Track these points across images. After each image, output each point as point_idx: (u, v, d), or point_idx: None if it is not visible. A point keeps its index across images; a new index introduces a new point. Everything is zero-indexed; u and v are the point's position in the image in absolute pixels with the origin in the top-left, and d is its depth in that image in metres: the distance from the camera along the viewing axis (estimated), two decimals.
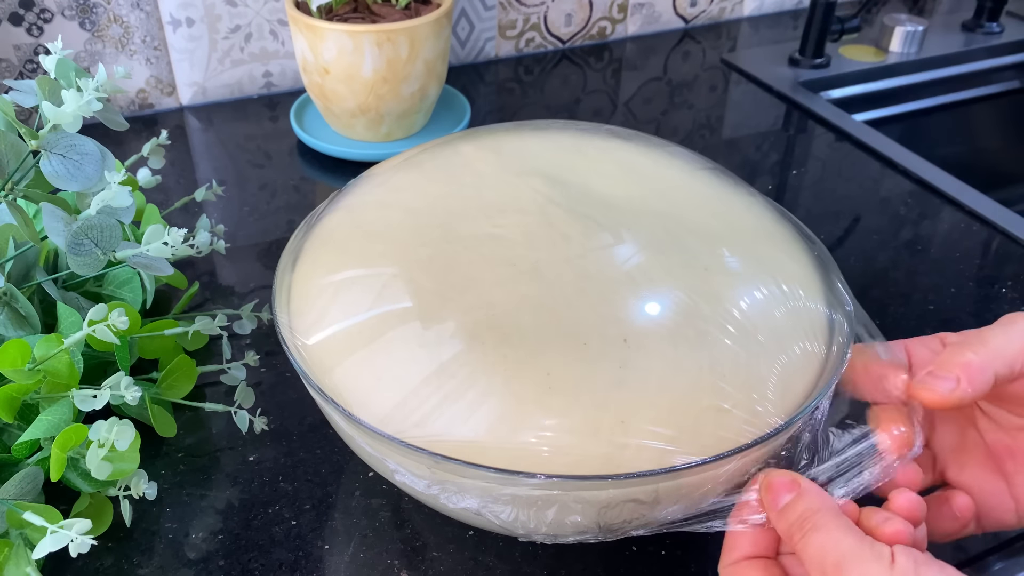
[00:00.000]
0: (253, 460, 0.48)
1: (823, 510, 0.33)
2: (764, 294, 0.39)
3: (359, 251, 0.41)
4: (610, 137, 0.50)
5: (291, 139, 0.78)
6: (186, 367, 0.49)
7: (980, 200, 0.70)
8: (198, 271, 0.62)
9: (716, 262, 0.40)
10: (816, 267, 0.43)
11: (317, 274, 0.41)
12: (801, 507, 0.34)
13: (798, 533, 0.33)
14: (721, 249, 0.41)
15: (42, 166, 0.44)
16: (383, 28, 0.67)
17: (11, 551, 0.39)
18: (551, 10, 0.94)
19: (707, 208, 0.44)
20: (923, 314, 0.59)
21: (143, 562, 0.42)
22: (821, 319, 0.40)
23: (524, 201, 0.42)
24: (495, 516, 0.36)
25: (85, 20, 0.75)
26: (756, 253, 0.42)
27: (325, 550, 0.43)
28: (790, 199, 0.71)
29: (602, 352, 0.35)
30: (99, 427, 0.39)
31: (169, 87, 0.82)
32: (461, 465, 0.34)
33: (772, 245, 0.43)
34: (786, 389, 0.37)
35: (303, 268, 0.42)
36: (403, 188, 0.45)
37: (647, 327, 0.36)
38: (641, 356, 0.35)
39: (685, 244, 0.41)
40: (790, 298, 0.40)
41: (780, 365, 0.37)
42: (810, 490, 0.34)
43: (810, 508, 0.33)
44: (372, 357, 0.37)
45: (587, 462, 0.34)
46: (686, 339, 0.36)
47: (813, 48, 0.91)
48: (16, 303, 0.44)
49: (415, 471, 0.36)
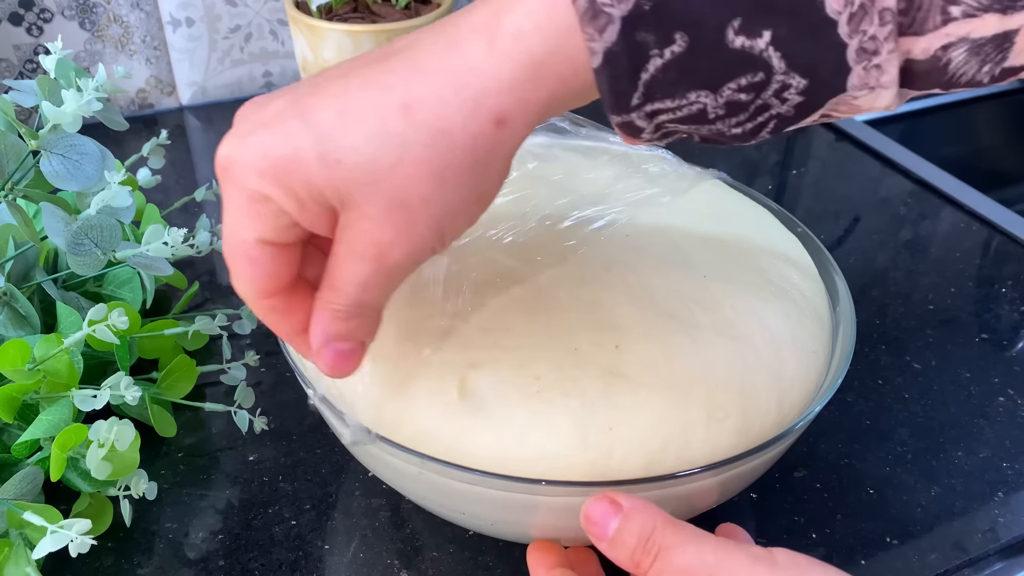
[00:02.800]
0: (253, 460, 0.48)
1: (660, 527, 0.30)
2: (763, 304, 0.39)
3: None
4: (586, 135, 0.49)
5: None
6: (186, 367, 0.49)
7: (980, 200, 0.70)
8: (198, 271, 0.62)
9: (716, 271, 0.40)
10: (819, 278, 0.43)
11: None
12: (635, 530, 0.30)
13: (646, 560, 0.30)
14: (724, 258, 0.41)
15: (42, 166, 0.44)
16: (383, 28, 0.67)
17: (11, 551, 0.38)
18: None
19: (714, 218, 0.44)
20: (923, 314, 0.59)
21: (143, 562, 0.42)
22: (821, 331, 0.40)
23: (523, 206, 0.42)
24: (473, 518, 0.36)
25: (85, 20, 0.75)
26: (759, 264, 0.41)
27: (325, 550, 0.43)
28: (790, 199, 0.71)
29: (592, 357, 0.35)
30: (99, 427, 0.39)
31: (169, 87, 0.82)
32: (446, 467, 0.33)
33: (776, 256, 0.42)
34: (781, 400, 0.37)
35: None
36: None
37: (640, 333, 0.36)
38: (632, 362, 0.35)
39: (686, 252, 0.41)
40: (790, 309, 0.39)
41: (776, 376, 0.37)
42: (635, 508, 0.31)
43: (645, 529, 0.30)
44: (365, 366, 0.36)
45: (574, 469, 0.33)
46: (680, 347, 0.36)
47: None
48: (16, 303, 0.44)
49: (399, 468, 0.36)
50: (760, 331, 0.37)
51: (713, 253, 0.41)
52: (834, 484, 0.47)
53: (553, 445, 0.33)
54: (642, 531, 0.30)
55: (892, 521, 0.45)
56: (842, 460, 0.48)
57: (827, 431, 0.50)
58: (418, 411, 0.35)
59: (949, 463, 0.48)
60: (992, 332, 0.57)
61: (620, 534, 0.31)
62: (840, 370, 0.38)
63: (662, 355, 0.35)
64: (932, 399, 0.52)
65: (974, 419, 0.51)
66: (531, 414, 0.34)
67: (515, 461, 0.33)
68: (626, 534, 0.30)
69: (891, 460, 0.48)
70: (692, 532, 0.30)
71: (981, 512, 0.45)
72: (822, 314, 0.41)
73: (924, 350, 0.55)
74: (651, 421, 0.34)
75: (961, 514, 0.45)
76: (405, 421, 0.35)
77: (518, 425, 0.34)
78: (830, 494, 0.46)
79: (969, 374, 0.54)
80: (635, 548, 0.30)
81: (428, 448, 0.34)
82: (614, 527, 0.31)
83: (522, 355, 0.35)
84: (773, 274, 0.41)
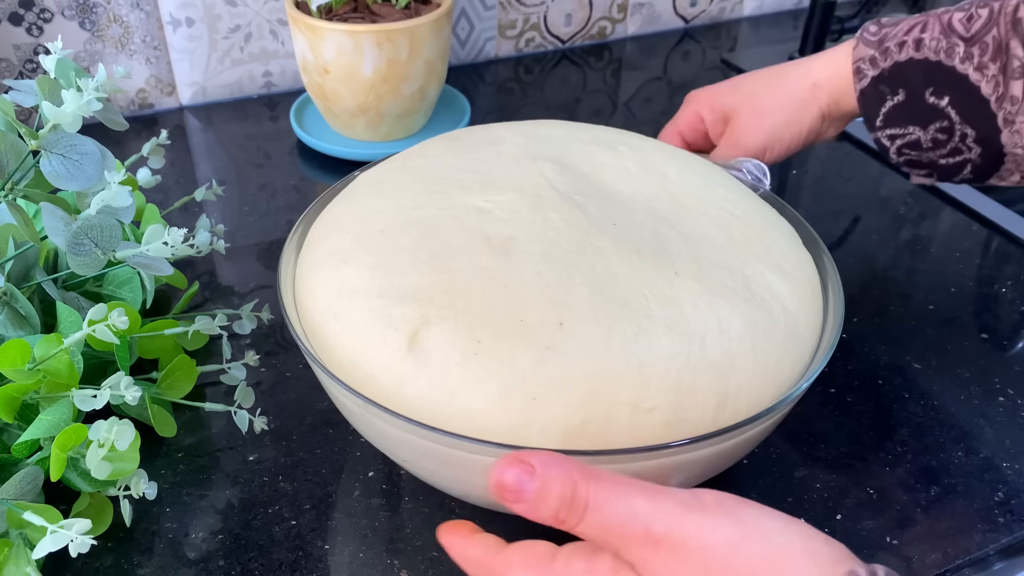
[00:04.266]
0: (253, 460, 0.48)
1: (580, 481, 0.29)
2: (729, 309, 0.38)
3: (364, 206, 0.44)
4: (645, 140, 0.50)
5: (291, 139, 0.78)
6: (186, 367, 0.49)
7: (980, 200, 0.70)
8: (198, 271, 0.62)
9: (692, 270, 0.40)
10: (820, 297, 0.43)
11: (322, 222, 0.45)
12: (555, 491, 0.29)
13: (572, 518, 0.29)
14: (706, 260, 0.41)
15: (42, 166, 0.44)
16: (383, 28, 0.67)
17: (11, 551, 0.39)
18: (551, 10, 0.94)
19: (712, 218, 0.44)
20: (923, 314, 0.59)
21: (143, 562, 0.42)
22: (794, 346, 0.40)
23: (525, 182, 0.44)
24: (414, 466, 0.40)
25: (85, 20, 0.75)
26: (744, 271, 0.41)
27: (325, 550, 0.43)
28: (790, 199, 0.71)
29: (534, 331, 0.36)
30: (99, 427, 0.39)
31: (169, 87, 0.82)
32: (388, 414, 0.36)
33: (770, 267, 0.42)
34: (723, 404, 0.37)
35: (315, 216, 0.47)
36: (430, 156, 0.47)
37: (587, 315, 0.37)
38: (571, 341, 0.36)
39: (669, 248, 0.41)
40: (760, 318, 0.39)
41: (721, 379, 0.37)
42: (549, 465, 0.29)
43: (566, 488, 0.29)
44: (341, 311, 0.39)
45: (494, 431, 0.35)
46: (623, 335, 0.37)
47: (813, 48, 0.91)
48: (16, 303, 0.44)
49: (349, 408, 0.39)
50: (716, 333, 0.38)
51: (697, 252, 0.41)
52: (834, 484, 0.47)
53: (477, 404, 0.36)
54: (563, 491, 0.29)
55: (892, 521, 0.45)
56: (842, 460, 0.48)
57: (827, 431, 0.50)
58: (372, 357, 0.37)
59: (949, 463, 0.48)
60: (992, 332, 0.57)
61: (540, 496, 0.29)
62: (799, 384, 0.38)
63: (602, 338, 0.36)
64: (932, 399, 0.52)
65: (974, 419, 0.51)
66: (463, 373, 0.36)
67: (443, 416, 0.36)
68: (546, 495, 0.29)
69: (891, 460, 0.48)
70: (615, 482, 0.29)
71: (981, 512, 0.45)
72: (803, 332, 0.41)
73: (924, 350, 0.55)
74: (575, 399, 0.35)
75: (961, 514, 0.45)
76: (361, 363, 0.38)
77: (452, 381, 0.36)
78: (830, 494, 0.46)
79: (969, 374, 0.54)
80: (558, 508, 0.29)
81: (372, 392, 0.37)
82: (531, 489, 0.29)
83: (471, 319, 0.37)
84: (756, 283, 0.41)
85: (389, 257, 0.40)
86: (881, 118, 0.52)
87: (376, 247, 0.41)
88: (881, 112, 0.52)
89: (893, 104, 0.51)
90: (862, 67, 0.52)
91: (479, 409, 0.36)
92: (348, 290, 0.40)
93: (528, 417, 0.35)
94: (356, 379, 0.38)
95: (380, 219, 0.43)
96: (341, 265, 0.41)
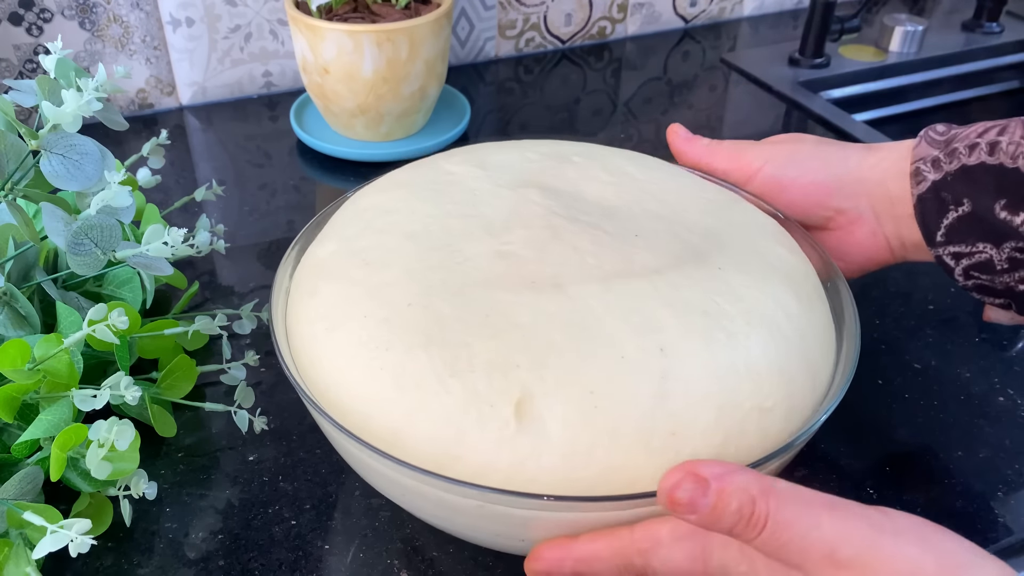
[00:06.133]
0: (253, 460, 0.48)
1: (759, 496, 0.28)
2: (779, 289, 0.39)
3: (364, 282, 0.38)
4: (589, 144, 0.50)
5: (291, 139, 0.78)
6: (186, 367, 0.49)
7: None
8: (198, 271, 0.62)
9: (729, 261, 0.40)
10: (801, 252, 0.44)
11: (320, 313, 0.38)
12: (733, 507, 0.28)
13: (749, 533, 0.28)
14: (729, 248, 0.41)
15: (42, 166, 0.44)
16: (383, 28, 0.67)
17: (11, 551, 0.39)
18: (551, 10, 0.94)
19: (696, 206, 0.44)
20: (923, 314, 0.59)
21: (143, 562, 0.42)
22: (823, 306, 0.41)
23: (525, 215, 0.41)
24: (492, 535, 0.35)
25: (85, 20, 0.75)
26: (755, 247, 0.41)
27: (325, 550, 0.43)
28: None
29: (641, 364, 0.34)
30: (99, 427, 0.39)
31: (169, 87, 0.82)
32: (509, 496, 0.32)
33: (765, 237, 0.43)
34: (815, 385, 0.37)
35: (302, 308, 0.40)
36: (393, 211, 0.42)
37: (679, 334, 0.35)
38: (679, 365, 0.34)
39: (695, 246, 0.41)
40: (800, 290, 0.40)
41: (805, 359, 0.37)
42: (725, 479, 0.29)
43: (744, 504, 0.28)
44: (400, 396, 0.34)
45: (642, 481, 0.33)
46: (720, 343, 0.35)
47: (813, 48, 0.91)
48: (16, 303, 0.44)
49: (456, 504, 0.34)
50: (783, 315, 0.38)
51: (718, 243, 0.41)
52: (834, 484, 0.46)
53: (615, 461, 0.32)
54: (741, 507, 0.28)
55: None
56: (842, 460, 0.48)
57: (827, 431, 0.50)
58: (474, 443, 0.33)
59: (949, 463, 0.48)
60: (992, 332, 0.57)
61: (715, 513, 0.28)
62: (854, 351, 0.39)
63: (705, 352, 0.35)
64: (932, 399, 0.52)
65: (974, 419, 0.51)
66: (592, 432, 0.33)
67: (583, 480, 0.32)
68: (721, 512, 0.28)
69: (891, 460, 0.48)
70: (797, 499, 0.28)
71: (981, 512, 0.45)
72: (820, 290, 0.42)
73: (924, 350, 0.55)
74: (709, 421, 0.34)
75: (961, 514, 0.45)
76: (463, 455, 0.33)
77: (579, 446, 0.32)
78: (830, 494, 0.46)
79: (969, 374, 0.54)
80: (733, 525, 0.28)
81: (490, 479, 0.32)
82: (706, 504, 0.29)
83: (568, 372, 0.33)
84: (774, 257, 0.41)
85: (437, 332, 0.35)
86: (943, 231, 0.42)
87: (415, 324, 0.35)
88: (943, 225, 0.42)
89: (958, 216, 0.42)
90: (922, 168, 0.43)
91: (620, 465, 0.32)
92: (412, 380, 0.34)
93: (672, 456, 0.33)
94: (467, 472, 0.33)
95: (398, 292, 0.37)
96: (383, 352, 0.35)
